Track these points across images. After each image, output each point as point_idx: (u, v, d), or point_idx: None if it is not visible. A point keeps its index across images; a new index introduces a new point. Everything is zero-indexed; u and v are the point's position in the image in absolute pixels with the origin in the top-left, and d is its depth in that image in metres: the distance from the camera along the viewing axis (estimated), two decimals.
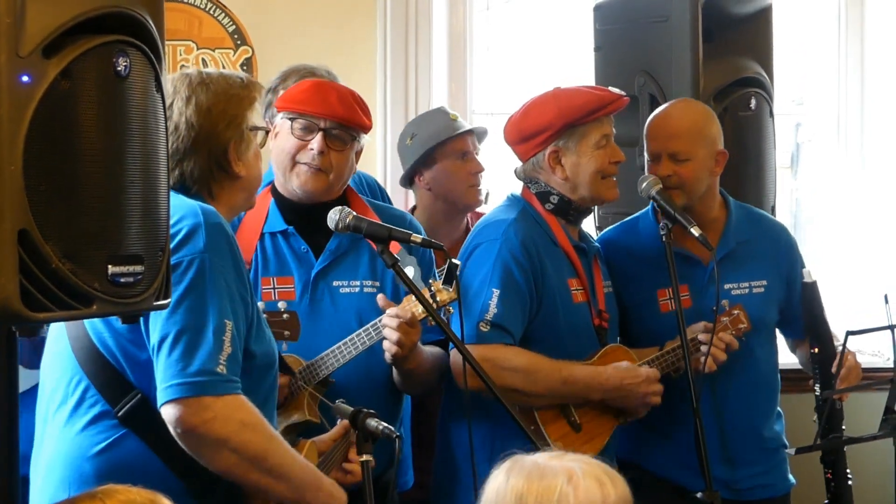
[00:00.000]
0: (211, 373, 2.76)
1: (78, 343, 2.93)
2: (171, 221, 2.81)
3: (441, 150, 4.59)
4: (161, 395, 2.78)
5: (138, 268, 2.38)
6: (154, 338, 2.81)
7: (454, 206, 4.62)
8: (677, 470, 3.89)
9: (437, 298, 3.42)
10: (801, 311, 4.03)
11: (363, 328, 3.58)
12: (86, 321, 2.90)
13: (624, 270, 4.08)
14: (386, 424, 2.77)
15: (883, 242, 5.47)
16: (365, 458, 2.75)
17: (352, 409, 2.83)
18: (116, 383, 2.89)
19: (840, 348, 3.90)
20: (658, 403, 3.83)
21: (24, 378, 3.44)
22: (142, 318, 2.82)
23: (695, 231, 3.82)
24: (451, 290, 3.39)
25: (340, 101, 3.65)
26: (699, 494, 3.68)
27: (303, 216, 3.68)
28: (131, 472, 2.71)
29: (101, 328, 2.90)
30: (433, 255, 3.82)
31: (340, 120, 3.63)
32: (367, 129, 3.72)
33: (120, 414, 2.88)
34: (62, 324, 2.97)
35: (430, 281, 3.49)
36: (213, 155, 3.00)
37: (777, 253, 4.13)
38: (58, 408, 2.97)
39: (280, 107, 3.71)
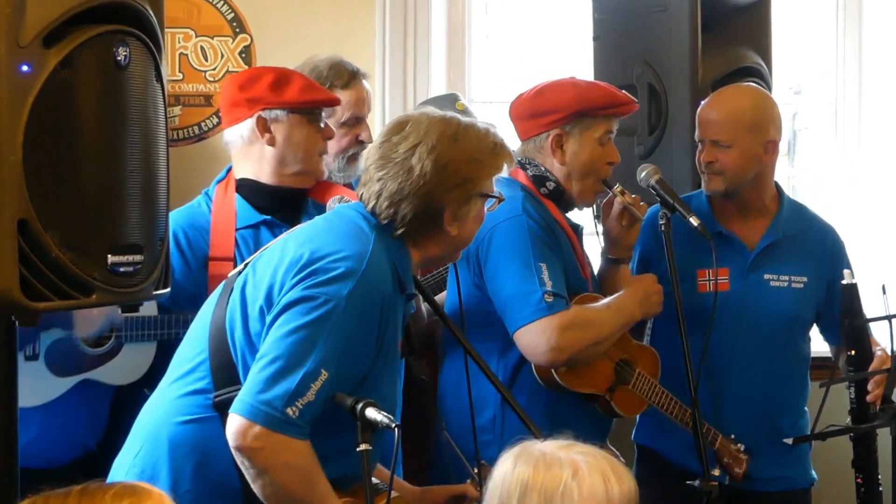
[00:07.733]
0: (280, 410, 2.76)
1: (216, 323, 2.96)
2: (340, 255, 2.85)
3: None
4: (233, 403, 2.81)
5: (138, 257, 2.40)
6: (261, 349, 2.84)
7: None
8: (694, 459, 3.87)
9: None
10: (839, 313, 3.98)
11: None
12: (229, 309, 2.93)
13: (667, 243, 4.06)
14: (385, 414, 2.78)
15: (880, 231, 5.47)
16: (363, 447, 2.75)
17: (352, 398, 2.84)
18: (228, 371, 2.92)
19: (877, 351, 3.92)
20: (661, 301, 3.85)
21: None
22: (264, 330, 2.86)
23: (693, 220, 3.81)
24: None
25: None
26: (696, 482, 3.69)
27: (284, 202, 3.68)
28: (202, 453, 2.85)
29: (238, 323, 2.92)
30: None
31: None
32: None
33: (217, 400, 2.91)
34: (213, 301, 3.02)
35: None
36: (431, 209, 3.00)
37: (822, 254, 4.11)
38: (177, 375, 3.01)
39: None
